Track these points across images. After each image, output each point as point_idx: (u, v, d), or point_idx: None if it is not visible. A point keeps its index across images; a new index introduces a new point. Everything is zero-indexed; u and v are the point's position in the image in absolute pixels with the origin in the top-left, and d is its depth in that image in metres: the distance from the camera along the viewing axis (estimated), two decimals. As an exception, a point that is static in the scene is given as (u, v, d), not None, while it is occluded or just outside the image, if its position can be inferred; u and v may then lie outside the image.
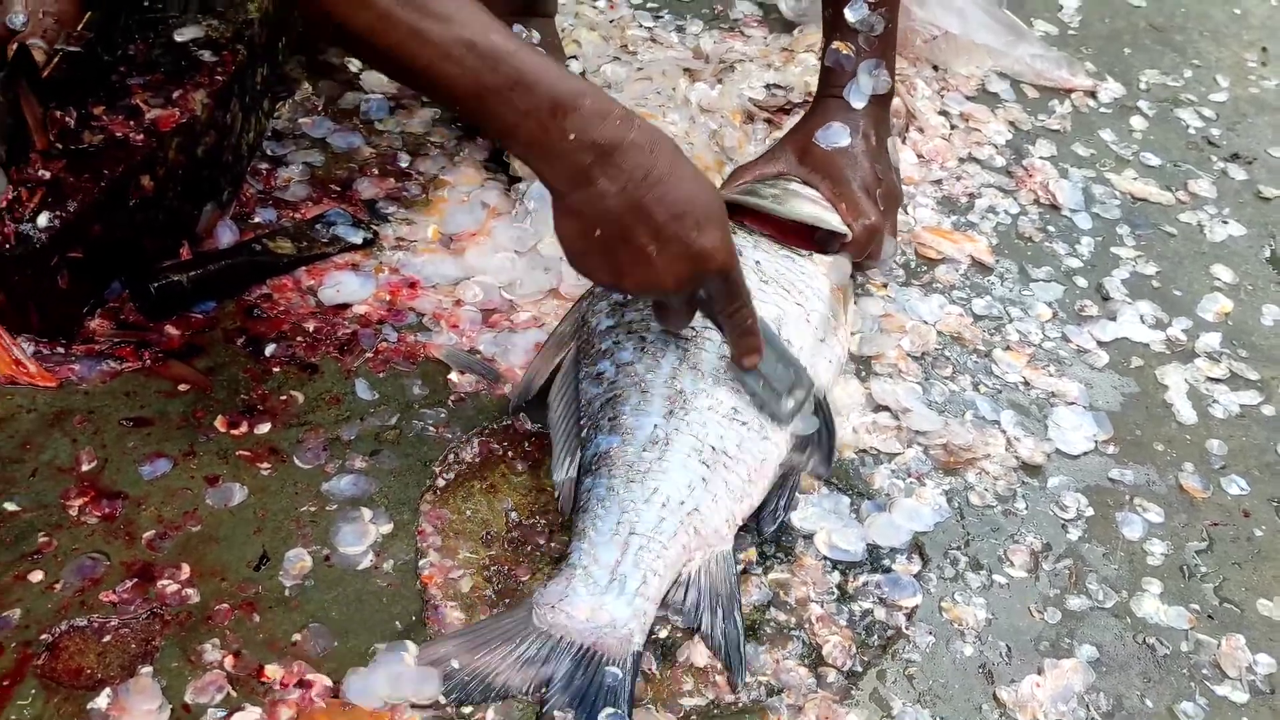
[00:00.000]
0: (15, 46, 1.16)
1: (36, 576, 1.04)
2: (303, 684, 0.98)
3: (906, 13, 1.80)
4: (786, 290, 1.28)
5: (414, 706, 0.98)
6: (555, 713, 0.99)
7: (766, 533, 1.17)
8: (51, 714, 0.95)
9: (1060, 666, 1.10)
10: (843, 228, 1.34)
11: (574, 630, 1.04)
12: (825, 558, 1.17)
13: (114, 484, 1.12)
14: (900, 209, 1.47)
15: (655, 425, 1.14)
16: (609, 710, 0.99)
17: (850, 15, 1.34)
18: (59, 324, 1.21)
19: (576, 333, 1.24)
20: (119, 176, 1.20)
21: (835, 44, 1.36)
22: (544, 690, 1.01)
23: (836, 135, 1.37)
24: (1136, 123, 1.86)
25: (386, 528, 1.12)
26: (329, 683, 0.99)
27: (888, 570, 1.17)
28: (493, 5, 1.45)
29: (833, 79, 1.39)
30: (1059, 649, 1.12)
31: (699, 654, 1.06)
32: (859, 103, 1.37)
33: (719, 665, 1.06)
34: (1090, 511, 1.26)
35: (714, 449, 1.14)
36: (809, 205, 1.34)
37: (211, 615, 1.03)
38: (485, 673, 1.01)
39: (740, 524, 1.15)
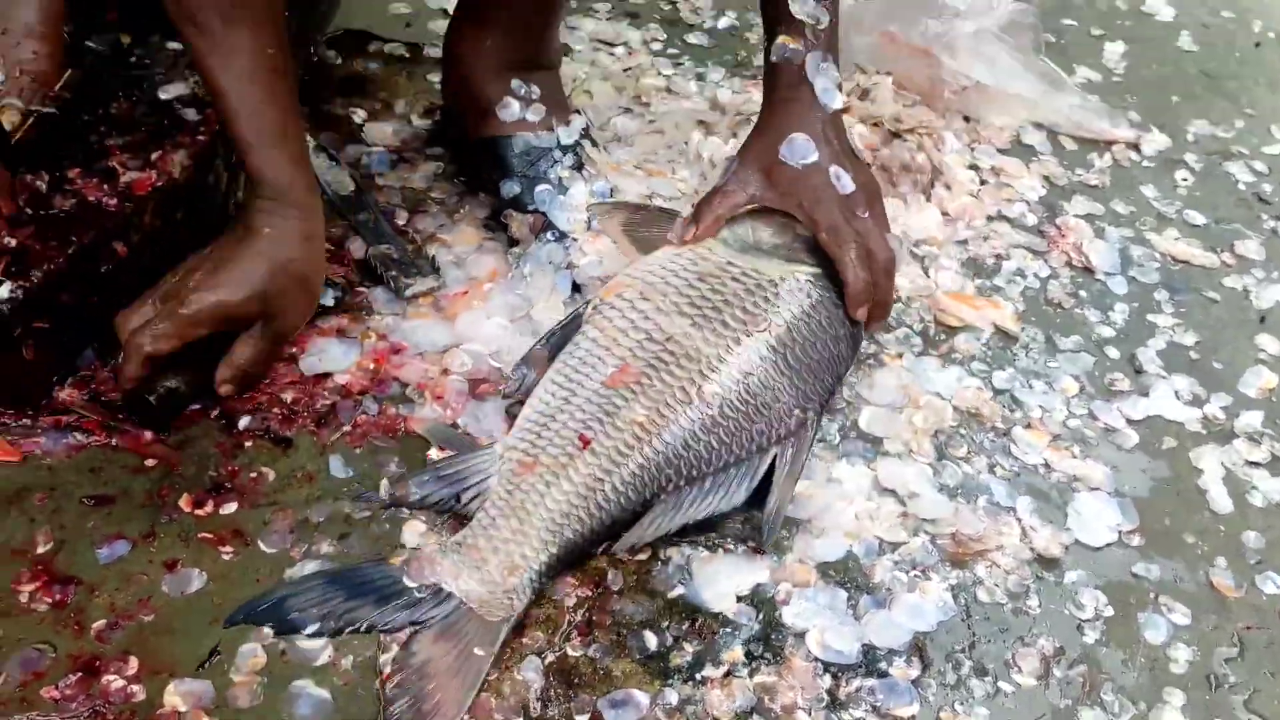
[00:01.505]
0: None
1: (-22, 669, 0.99)
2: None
3: (935, 63, 1.72)
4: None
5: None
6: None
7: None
8: (-22, 822, 0.90)
9: (1067, 790, 1.02)
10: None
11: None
12: (817, 659, 1.09)
13: (69, 567, 1.07)
14: (912, 256, 1.39)
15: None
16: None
17: (796, 8, 1.27)
18: (25, 395, 1.17)
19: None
20: (89, 243, 1.16)
21: (780, 39, 1.28)
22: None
23: (803, 150, 1.28)
24: (1181, 177, 1.76)
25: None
26: (272, 794, 0.94)
27: (884, 675, 1.09)
28: (494, 59, 1.42)
29: (781, 77, 1.30)
30: (1067, 769, 1.04)
31: None
32: (833, 102, 1.29)
33: None
34: (1110, 611, 1.17)
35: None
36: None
37: (155, 718, 0.97)
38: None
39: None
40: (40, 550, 1.08)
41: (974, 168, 1.69)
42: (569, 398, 1.16)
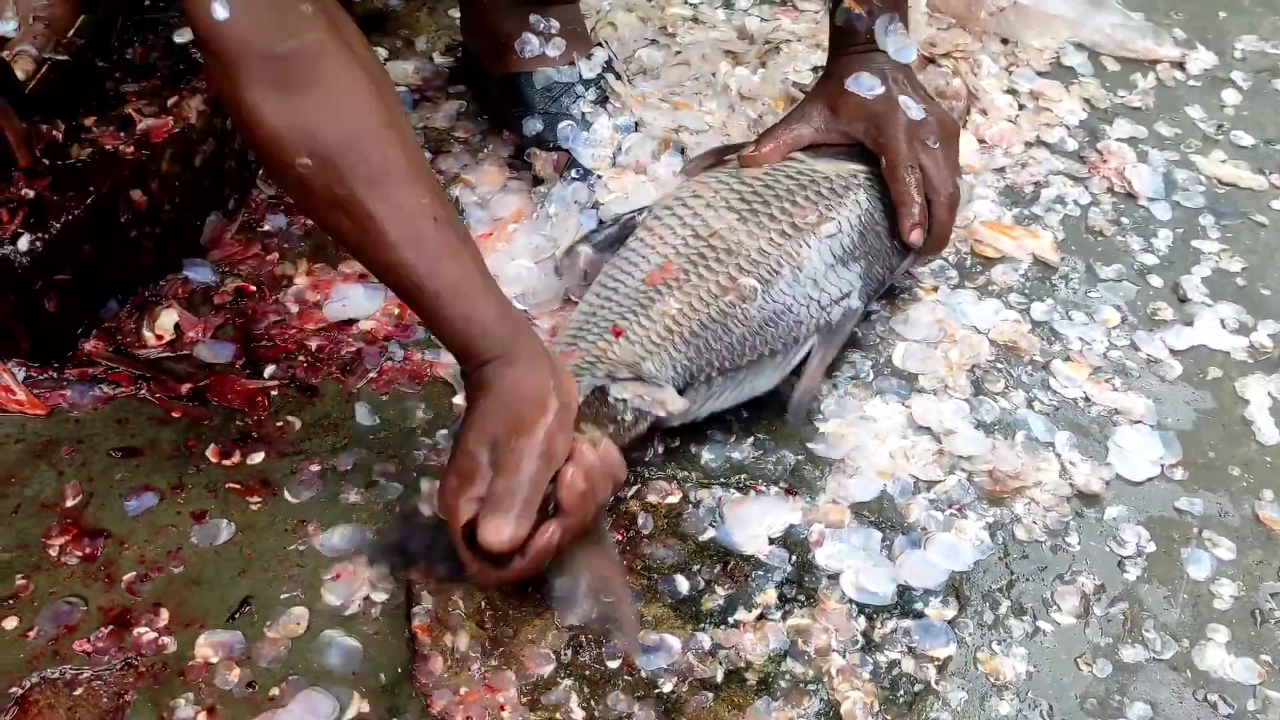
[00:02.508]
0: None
1: (11, 623, 1.00)
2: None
3: (971, -16, 1.67)
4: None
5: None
6: None
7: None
8: (15, 775, 0.91)
9: (1107, 730, 1.00)
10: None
11: None
12: (851, 601, 1.08)
13: (97, 520, 1.07)
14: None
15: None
16: None
17: None
18: (50, 347, 1.17)
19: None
20: (106, 193, 1.15)
21: (846, 2, 1.28)
22: None
23: (869, 83, 1.29)
24: (1229, 96, 1.70)
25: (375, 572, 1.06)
26: (304, 744, 0.94)
27: (920, 615, 1.07)
28: (513, -6, 1.39)
29: (846, 39, 1.31)
30: (1108, 708, 1.02)
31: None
32: (909, 57, 1.29)
33: (724, 727, 0.98)
34: (1152, 547, 1.14)
35: None
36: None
37: (186, 669, 0.98)
38: None
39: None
40: (69, 504, 1.08)
41: (1012, 92, 1.64)
42: (613, 294, 1.17)
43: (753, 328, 1.17)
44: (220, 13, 0.90)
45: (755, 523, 1.13)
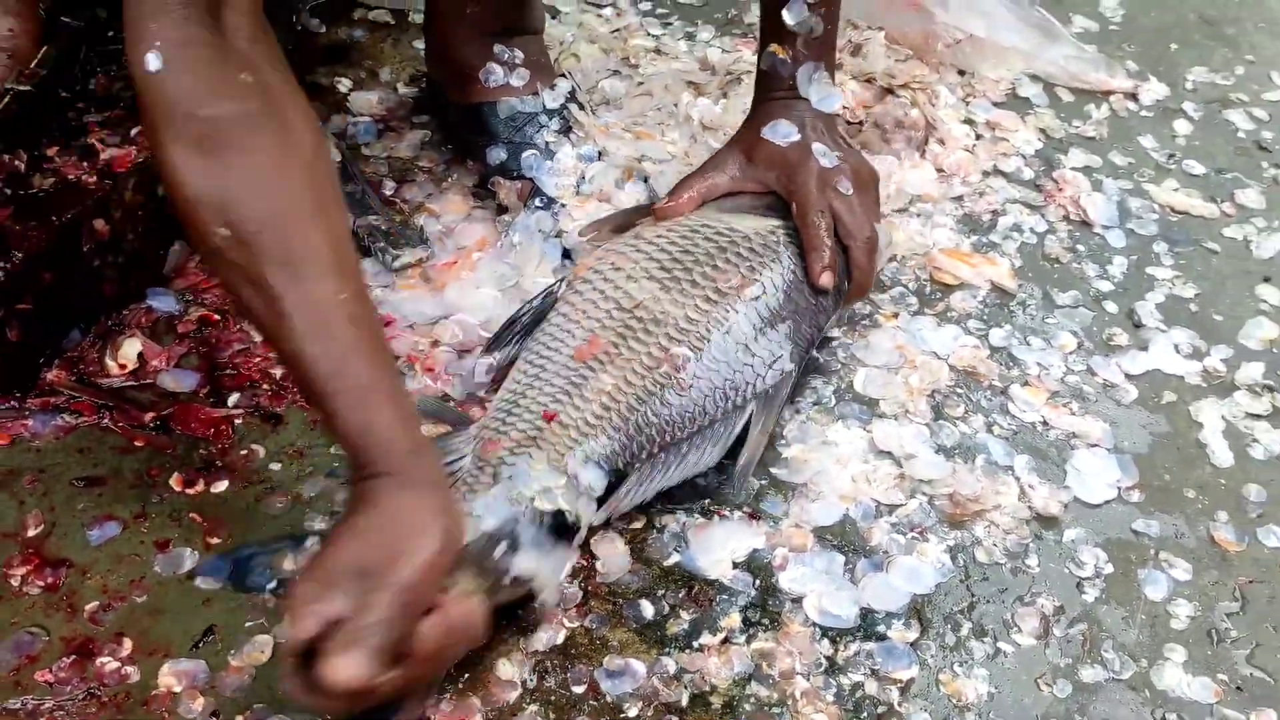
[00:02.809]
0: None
1: (-29, 654, 0.99)
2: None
3: (928, 16, 1.70)
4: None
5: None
6: None
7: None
8: (-26, 808, 0.90)
9: (1067, 750, 1.01)
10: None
11: None
12: (815, 624, 1.09)
13: (59, 550, 1.07)
14: (893, 253, 1.41)
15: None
16: None
17: (789, 18, 1.26)
18: (12, 377, 1.16)
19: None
20: (69, 222, 1.15)
21: (772, 47, 1.29)
22: None
23: (785, 130, 1.29)
24: (1180, 126, 1.74)
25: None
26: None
27: (882, 638, 1.08)
28: (475, 25, 1.40)
29: (768, 84, 1.31)
30: (1068, 728, 1.03)
31: None
32: (832, 107, 1.30)
33: None
34: (1110, 568, 1.16)
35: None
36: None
37: (150, 699, 0.97)
38: None
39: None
40: (31, 533, 1.08)
41: (969, 122, 1.67)
42: (539, 374, 1.14)
43: (691, 397, 1.15)
44: (153, 64, 0.89)
45: (719, 547, 1.14)
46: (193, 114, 0.90)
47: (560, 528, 1.06)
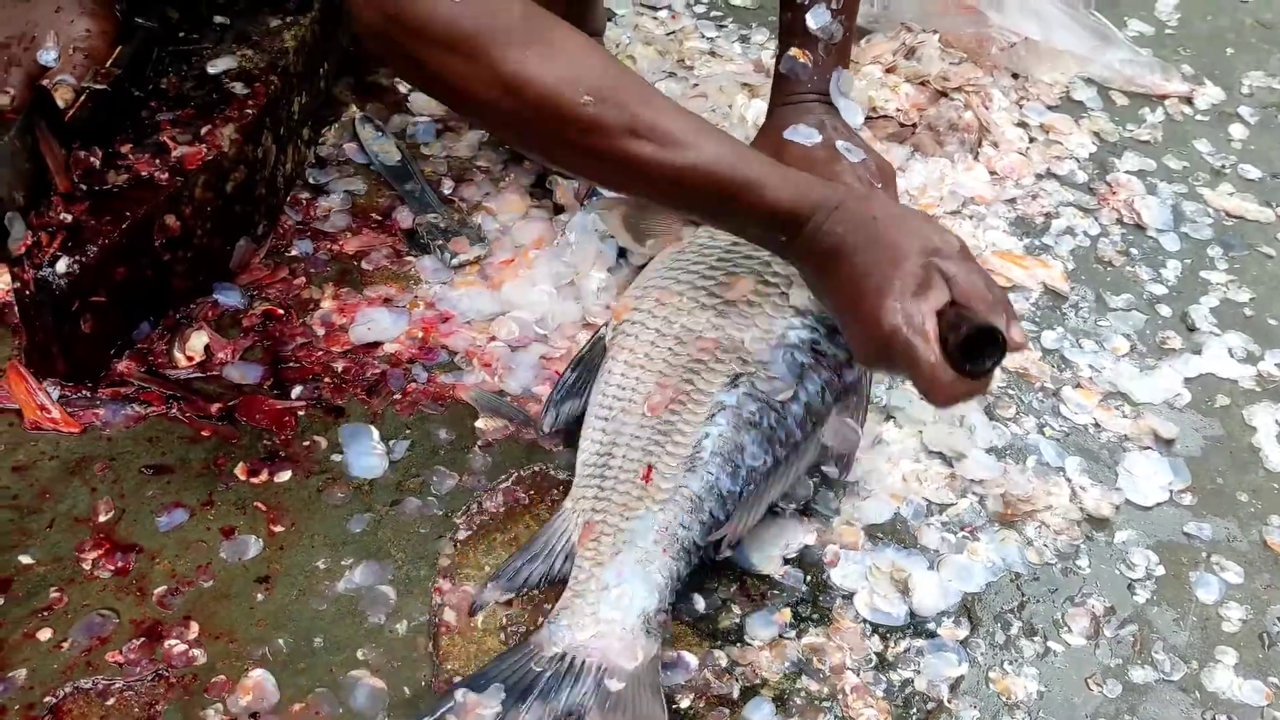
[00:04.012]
0: (34, 90, 1.15)
1: (45, 634, 1.02)
2: (297, 760, 0.95)
3: (982, 20, 1.70)
4: None
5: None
6: None
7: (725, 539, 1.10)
8: (49, 782, 0.93)
9: (1117, 749, 1.02)
10: None
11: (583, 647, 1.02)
12: (865, 620, 1.10)
13: (129, 535, 1.10)
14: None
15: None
16: None
17: (812, 21, 1.30)
18: (85, 368, 1.20)
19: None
20: (141, 218, 1.18)
21: (792, 51, 1.32)
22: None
23: (806, 132, 1.31)
24: (1236, 131, 1.73)
25: (397, 589, 1.08)
26: (330, 755, 0.96)
27: (932, 635, 1.09)
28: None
29: (787, 87, 1.34)
30: (1117, 728, 1.04)
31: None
32: (856, 119, 1.34)
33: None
34: (1161, 570, 1.16)
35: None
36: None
37: (214, 683, 1.00)
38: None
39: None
40: (102, 519, 1.11)
41: (1022, 125, 1.67)
42: (619, 430, 1.13)
43: (779, 412, 1.13)
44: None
45: (771, 544, 1.15)
46: (508, 15, 1.01)
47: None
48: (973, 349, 0.94)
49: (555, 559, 1.08)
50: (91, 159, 1.21)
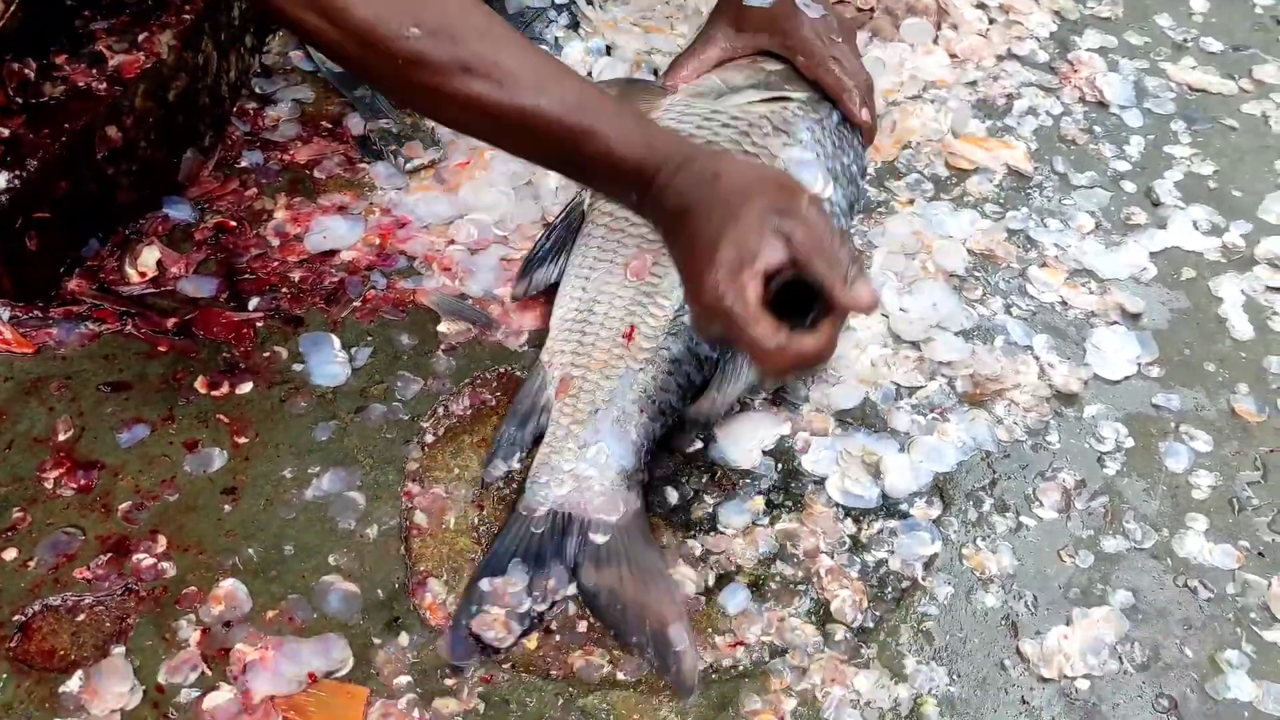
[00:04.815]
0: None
1: (10, 554, 1.01)
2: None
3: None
4: None
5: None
6: None
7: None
8: (22, 698, 0.92)
9: (1090, 616, 1.02)
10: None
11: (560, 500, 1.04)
12: (838, 504, 1.10)
13: (91, 453, 1.08)
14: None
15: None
16: None
17: None
18: (34, 286, 1.17)
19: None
20: (81, 129, 1.15)
21: None
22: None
23: None
24: (1197, 4, 1.71)
25: (366, 494, 1.07)
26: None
27: (905, 516, 1.09)
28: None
29: None
30: (1091, 596, 1.04)
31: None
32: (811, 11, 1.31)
33: (716, 626, 1.00)
34: (1130, 442, 1.16)
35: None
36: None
37: (185, 594, 0.99)
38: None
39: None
40: (61, 438, 1.09)
41: (981, 6, 1.64)
42: (601, 289, 1.14)
43: None
44: None
45: (748, 438, 1.14)
46: None
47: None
48: (799, 306, 0.91)
49: (540, 415, 1.10)
50: (26, 71, 1.17)
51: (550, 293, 1.19)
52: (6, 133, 1.12)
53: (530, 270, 1.20)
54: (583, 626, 1.00)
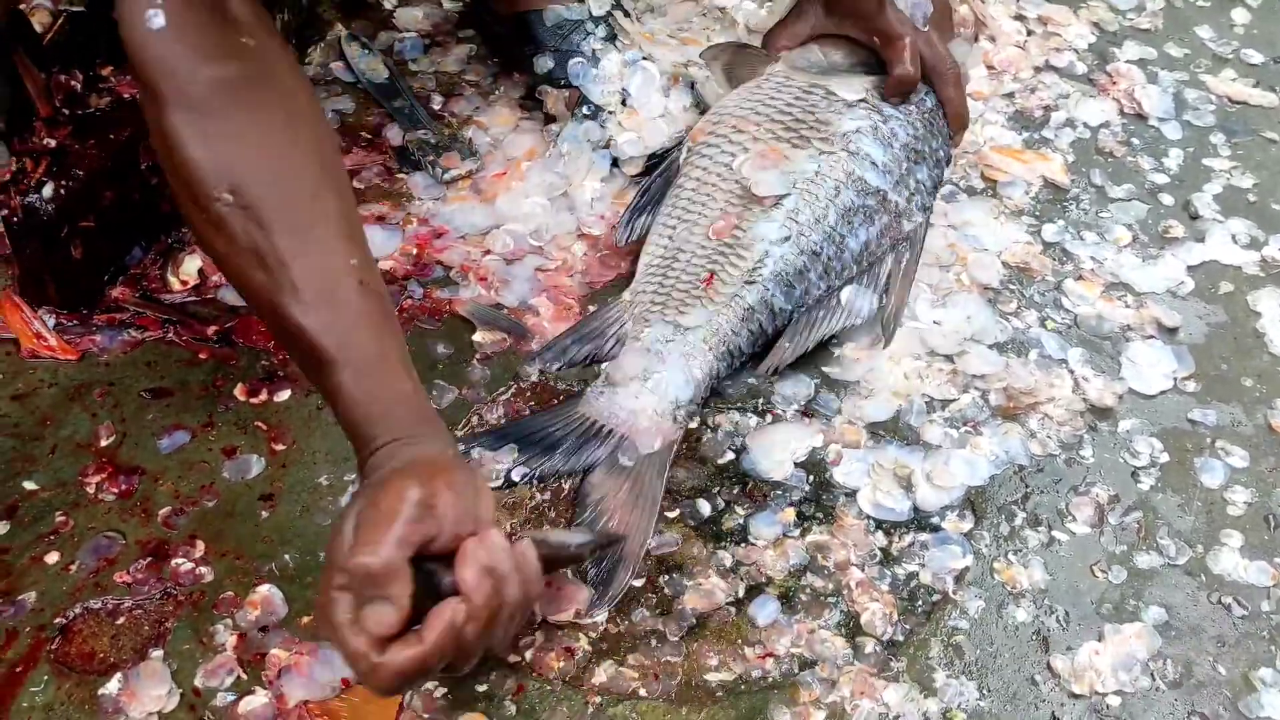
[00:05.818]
0: (10, 14, 1.13)
1: (53, 558, 1.03)
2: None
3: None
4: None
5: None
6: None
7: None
8: (63, 700, 0.94)
9: (1122, 632, 1.02)
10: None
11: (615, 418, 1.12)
12: (869, 517, 1.10)
13: (132, 459, 1.10)
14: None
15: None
16: None
17: None
18: (78, 294, 1.19)
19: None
20: (126, 140, 1.17)
21: None
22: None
23: None
24: (1238, 15, 1.69)
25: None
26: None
27: (936, 529, 1.09)
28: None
29: None
30: (1123, 612, 1.04)
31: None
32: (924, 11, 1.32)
33: (745, 638, 1.01)
34: (1165, 458, 1.16)
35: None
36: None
37: (222, 599, 1.01)
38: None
39: None
40: (104, 443, 1.11)
41: (1020, 18, 1.64)
42: (687, 239, 1.21)
43: (834, 249, 1.22)
44: (156, 21, 0.86)
45: (780, 448, 1.15)
46: (195, 75, 0.86)
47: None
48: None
49: (606, 342, 1.18)
50: (72, 82, 1.19)
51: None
52: (54, 144, 1.14)
53: (632, 219, 1.27)
54: (613, 633, 1.01)
